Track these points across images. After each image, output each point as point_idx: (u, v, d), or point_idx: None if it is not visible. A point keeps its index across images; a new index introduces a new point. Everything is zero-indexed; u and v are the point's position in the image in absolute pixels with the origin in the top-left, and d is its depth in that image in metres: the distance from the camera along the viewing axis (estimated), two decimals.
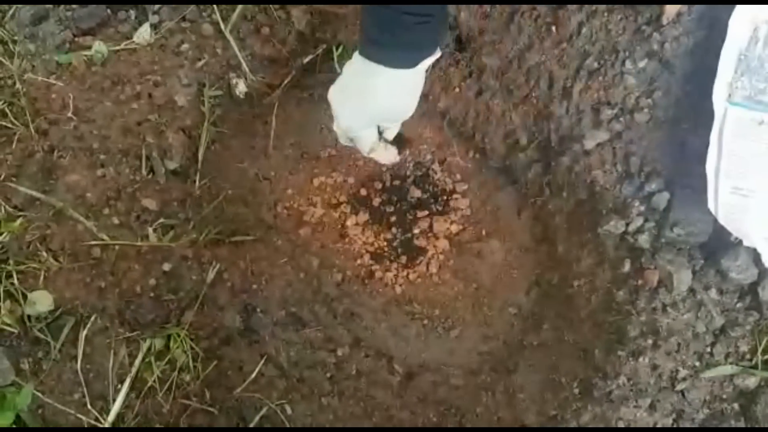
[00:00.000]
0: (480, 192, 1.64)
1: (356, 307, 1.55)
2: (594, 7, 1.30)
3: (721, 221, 1.12)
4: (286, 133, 1.62)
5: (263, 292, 1.43)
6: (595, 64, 1.29)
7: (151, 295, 1.27)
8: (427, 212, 1.66)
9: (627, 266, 1.24)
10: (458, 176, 1.66)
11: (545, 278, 1.50)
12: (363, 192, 1.67)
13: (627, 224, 1.23)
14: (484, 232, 1.62)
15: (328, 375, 1.43)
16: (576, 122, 1.31)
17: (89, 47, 1.37)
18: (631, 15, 1.25)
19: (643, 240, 1.22)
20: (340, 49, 1.47)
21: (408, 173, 1.68)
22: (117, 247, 1.25)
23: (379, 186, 1.68)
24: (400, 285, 1.60)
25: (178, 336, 1.30)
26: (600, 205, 1.27)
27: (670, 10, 1.25)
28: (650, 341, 1.19)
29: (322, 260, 1.58)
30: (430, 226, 1.65)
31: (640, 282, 1.21)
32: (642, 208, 1.22)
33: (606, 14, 1.30)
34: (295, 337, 1.43)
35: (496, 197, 1.62)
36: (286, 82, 1.48)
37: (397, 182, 1.68)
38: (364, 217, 1.66)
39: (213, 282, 1.37)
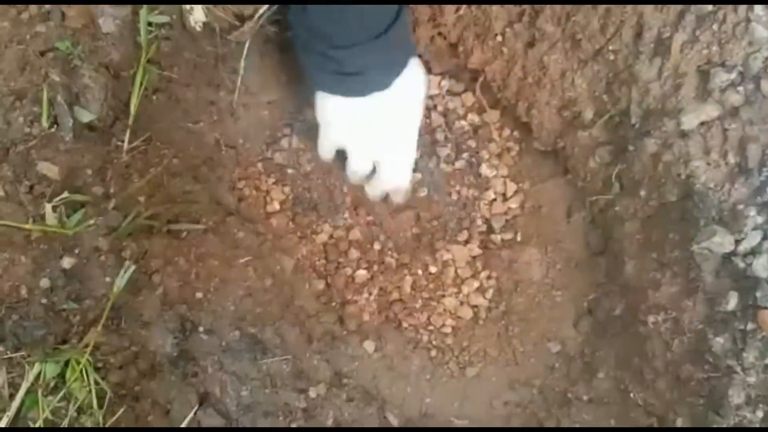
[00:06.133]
0: (517, 181, 1.39)
1: (340, 328, 1.29)
2: None
3: None
4: (261, 87, 1.34)
5: (210, 303, 1.15)
6: (710, 6, 1.07)
7: (43, 301, 1.05)
8: None
9: (732, 301, 1.03)
10: (490, 159, 1.39)
11: (603, 307, 1.25)
12: None
13: (737, 241, 1.03)
14: (519, 236, 1.35)
15: (294, 424, 1.18)
16: (672, 90, 1.10)
17: None
18: None
19: (760, 266, 1.01)
20: None
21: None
22: None
23: None
24: (401, 300, 1.33)
25: (78, 363, 1.04)
26: (697, 211, 1.07)
27: None
28: (761, 413, 1.00)
29: (298, 261, 1.31)
30: None
31: (750, 326, 1.01)
32: (760, 220, 1.01)
33: None
34: (250, 368, 1.16)
35: (539, 190, 1.37)
36: (262, 12, 1.20)
37: None
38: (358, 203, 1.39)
39: (137, 286, 1.10)
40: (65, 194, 1.08)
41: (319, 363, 1.23)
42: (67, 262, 1.06)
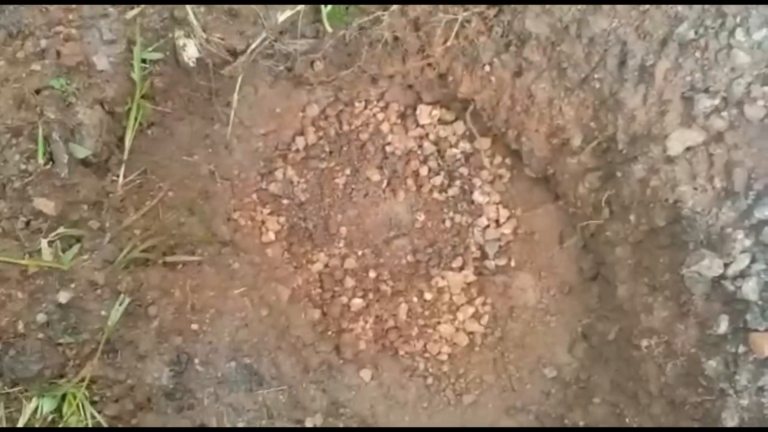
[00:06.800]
0: (509, 207, 1.38)
1: (336, 357, 1.27)
2: None
3: None
4: (254, 119, 1.34)
5: (206, 334, 1.14)
6: (691, 33, 1.06)
7: (40, 336, 1.04)
8: None
9: (723, 325, 1.04)
10: (482, 186, 1.38)
11: (597, 331, 1.23)
12: None
13: (726, 265, 1.04)
14: (512, 262, 1.34)
15: None
16: (657, 117, 1.10)
17: None
18: None
19: (749, 289, 1.02)
20: (329, 6, 1.17)
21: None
22: None
23: None
24: (397, 327, 1.31)
25: (75, 397, 1.03)
26: (686, 235, 1.06)
27: None
28: None
29: (293, 291, 1.30)
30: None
31: (742, 348, 1.01)
32: (748, 243, 1.03)
33: None
34: (246, 400, 1.14)
35: (531, 216, 1.36)
36: (254, 46, 1.19)
37: None
38: None
39: (133, 318, 1.08)
40: (61, 229, 1.07)
41: (315, 393, 1.22)
42: (63, 297, 1.05)
